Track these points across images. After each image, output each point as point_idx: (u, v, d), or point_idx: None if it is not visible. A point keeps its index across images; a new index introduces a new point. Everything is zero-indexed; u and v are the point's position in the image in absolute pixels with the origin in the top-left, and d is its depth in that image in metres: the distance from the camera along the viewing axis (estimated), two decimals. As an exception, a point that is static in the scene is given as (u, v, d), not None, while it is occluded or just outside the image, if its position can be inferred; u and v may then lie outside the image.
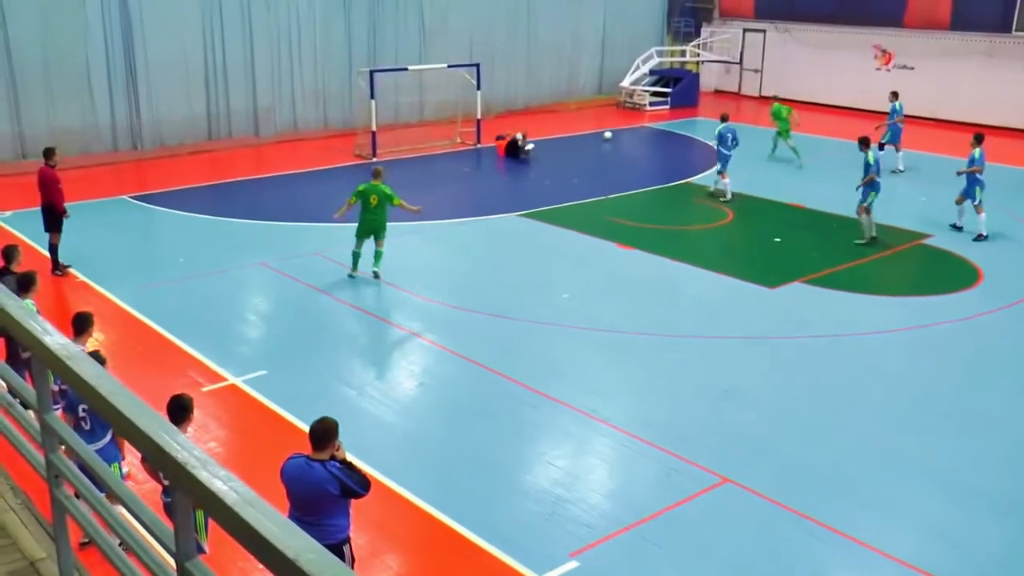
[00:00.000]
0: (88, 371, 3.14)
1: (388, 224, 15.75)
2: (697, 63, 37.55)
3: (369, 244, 15.88)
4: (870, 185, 17.84)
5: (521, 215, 19.92)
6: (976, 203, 18.28)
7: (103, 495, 3.70)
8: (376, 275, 15.85)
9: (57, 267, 15.81)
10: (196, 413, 7.97)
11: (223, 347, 13.05)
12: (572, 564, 8.38)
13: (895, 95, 24.13)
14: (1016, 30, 29.27)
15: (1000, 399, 11.89)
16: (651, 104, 34.37)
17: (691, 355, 13.10)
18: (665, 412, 11.39)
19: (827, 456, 10.35)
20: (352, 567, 7.04)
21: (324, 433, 6.75)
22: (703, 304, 15.18)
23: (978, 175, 18.22)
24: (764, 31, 36.60)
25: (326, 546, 6.93)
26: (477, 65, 27.97)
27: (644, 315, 14.42)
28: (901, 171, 23.81)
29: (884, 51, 33.17)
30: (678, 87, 35.09)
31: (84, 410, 7.92)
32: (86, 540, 7.21)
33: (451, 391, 12.01)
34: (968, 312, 14.66)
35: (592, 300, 15.02)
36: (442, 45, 30.69)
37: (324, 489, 6.59)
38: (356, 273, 15.95)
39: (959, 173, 18.77)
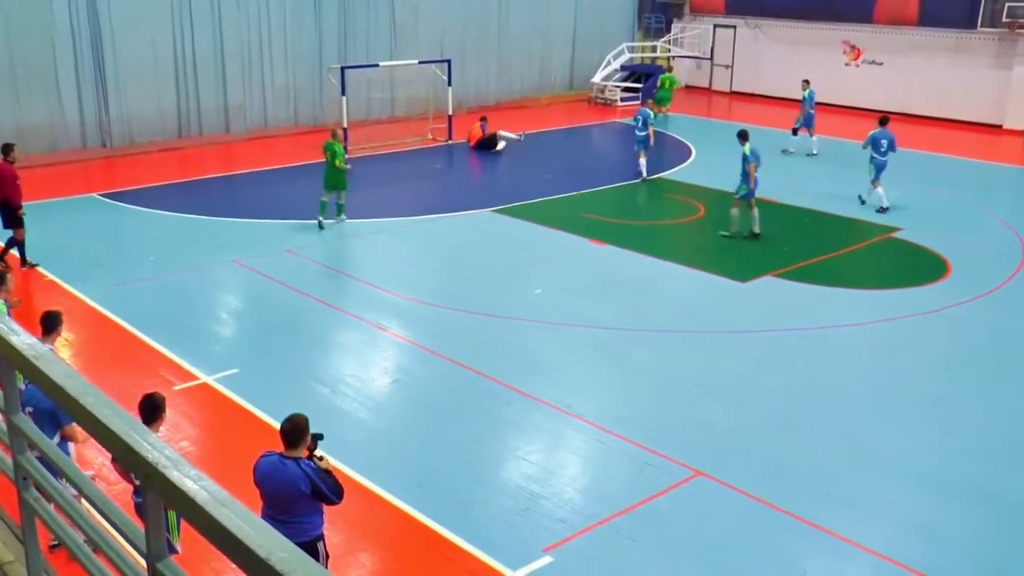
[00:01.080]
0: (57, 371, 3.11)
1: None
2: (668, 59, 37.66)
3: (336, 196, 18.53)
4: (743, 178, 18.07)
5: (494, 211, 19.92)
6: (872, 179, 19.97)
7: (72, 496, 3.67)
8: (342, 220, 18.61)
9: (24, 263, 15.65)
10: (168, 412, 7.90)
11: (195, 346, 12.97)
12: (546, 559, 8.39)
13: (806, 83, 25.64)
14: (981, 26, 29.56)
15: (971, 390, 12.03)
16: (622, 100, 34.44)
17: (664, 350, 13.16)
18: (638, 407, 11.43)
19: (801, 449, 10.43)
20: (326, 564, 7.04)
21: (294, 431, 6.74)
22: (676, 299, 15.24)
23: (873, 155, 19.87)
24: (734, 27, 36.78)
25: (300, 543, 6.88)
26: (448, 61, 27.94)
27: (617, 310, 14.47)
28: (815, 154, 25.48)
29: (853, 47, 33.43)
30: (649, 83, 35.14)
31: (29, 412, 7.81)
32: (55, 543, 7.17)
33: (425, 388, 11.99)
34: (938, 304, 14.80)
35: (565, 296, 15.04)
36: (413, 41, 30.62)
37: (296, 487, 6.59)
38: (324, 219, 18.32)
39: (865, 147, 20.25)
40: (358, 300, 14.92)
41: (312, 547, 6.79)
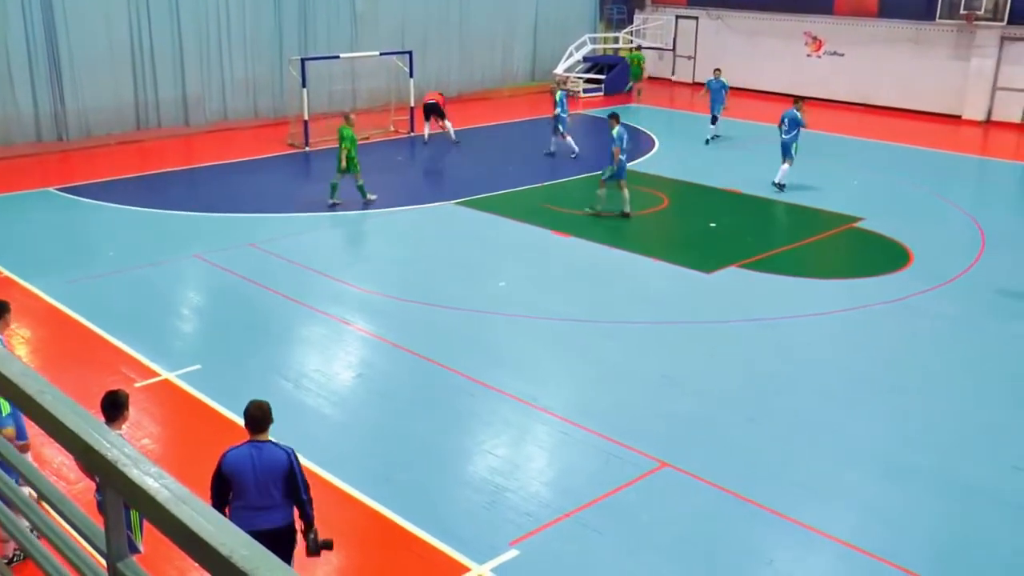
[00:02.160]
0: (12, 369, 3.03)
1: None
2: (630, 49, 37.72)
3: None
4: (609, 160, 18.63)
5: (457, 203, 19.85)
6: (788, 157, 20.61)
7: (27, 493, 3.58)
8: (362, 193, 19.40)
9: None
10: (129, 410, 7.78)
11: (156, 342, 12.79)
12: (513, 553, 8.37)
13: (718, 71, 26.71)
14: (940, 18, 29.88)
15: (933, 378, 12.16)
16: (585, 91, 34.46)
17: (629, 341, 13.17)
18: (603, 399, 11.44)
19: (766, 438, 10.48)
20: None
21: (262, 415, 6.77)
22: (640, 290, 15.27)
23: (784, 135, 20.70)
24: (696, 18, 36.90)
25: (282, 528, 6.85)
26: (410, 52, 27.78)
27: (581, 302, 14.47)
28: (712, 139, 26.31)
29: (815, 38, 33.65)
30: (612, 74, 35.23)
31: None
32: (11, 557, 7.08)
33: (389, 382, 11.93)
34: (900, 293, 14.94)
35: (529, 288, 15.02)
36: (374, 32, 30.41)
37: (279, 465, 6.63)
38: (333, 200, 19.14)
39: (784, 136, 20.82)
40: (321, 294, 14.79)
41: (294, 530, 6.82)
